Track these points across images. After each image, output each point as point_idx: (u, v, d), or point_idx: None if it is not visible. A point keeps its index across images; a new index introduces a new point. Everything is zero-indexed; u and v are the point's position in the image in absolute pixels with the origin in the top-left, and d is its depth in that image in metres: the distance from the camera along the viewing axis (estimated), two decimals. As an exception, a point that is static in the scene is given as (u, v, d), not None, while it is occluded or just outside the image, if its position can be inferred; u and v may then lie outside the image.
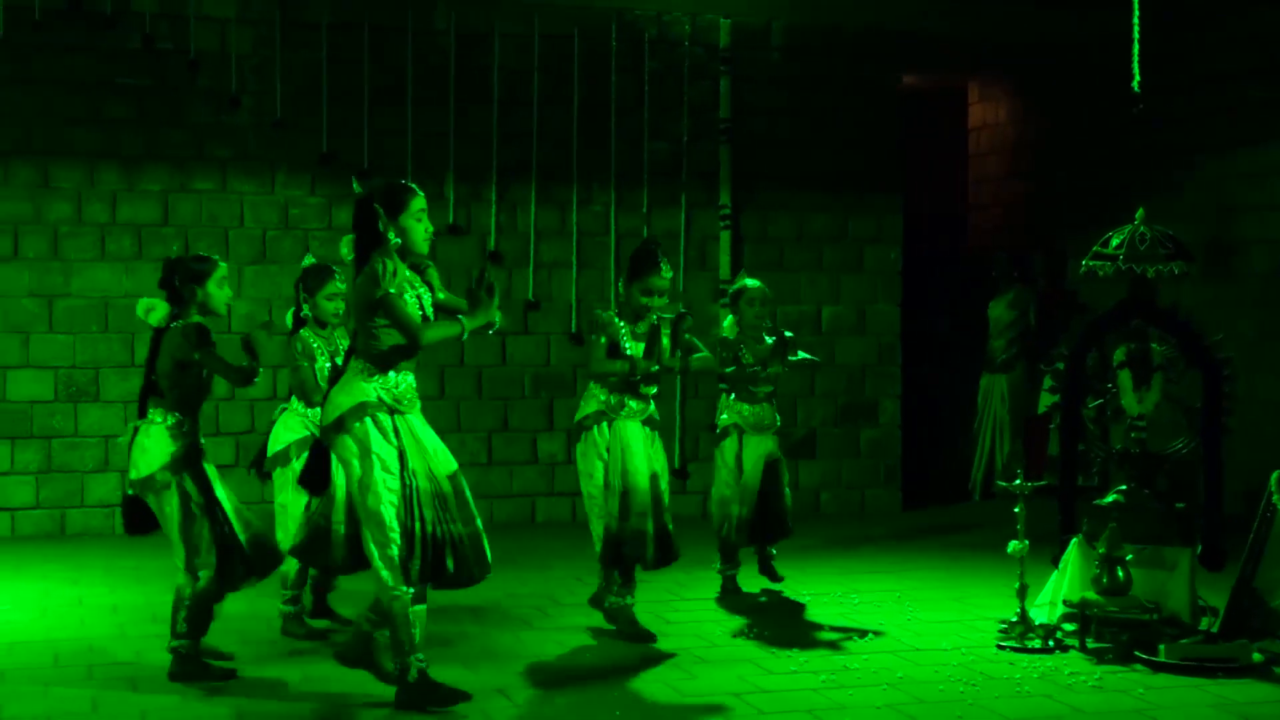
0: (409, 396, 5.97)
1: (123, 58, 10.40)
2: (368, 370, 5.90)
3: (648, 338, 7.23)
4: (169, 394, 6.46)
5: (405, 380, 5.96)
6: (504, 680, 6.43)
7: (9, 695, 6.18)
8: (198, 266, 6.60)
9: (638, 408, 7.28)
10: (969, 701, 6.13)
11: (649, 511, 7.12)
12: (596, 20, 11.18)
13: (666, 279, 7.27)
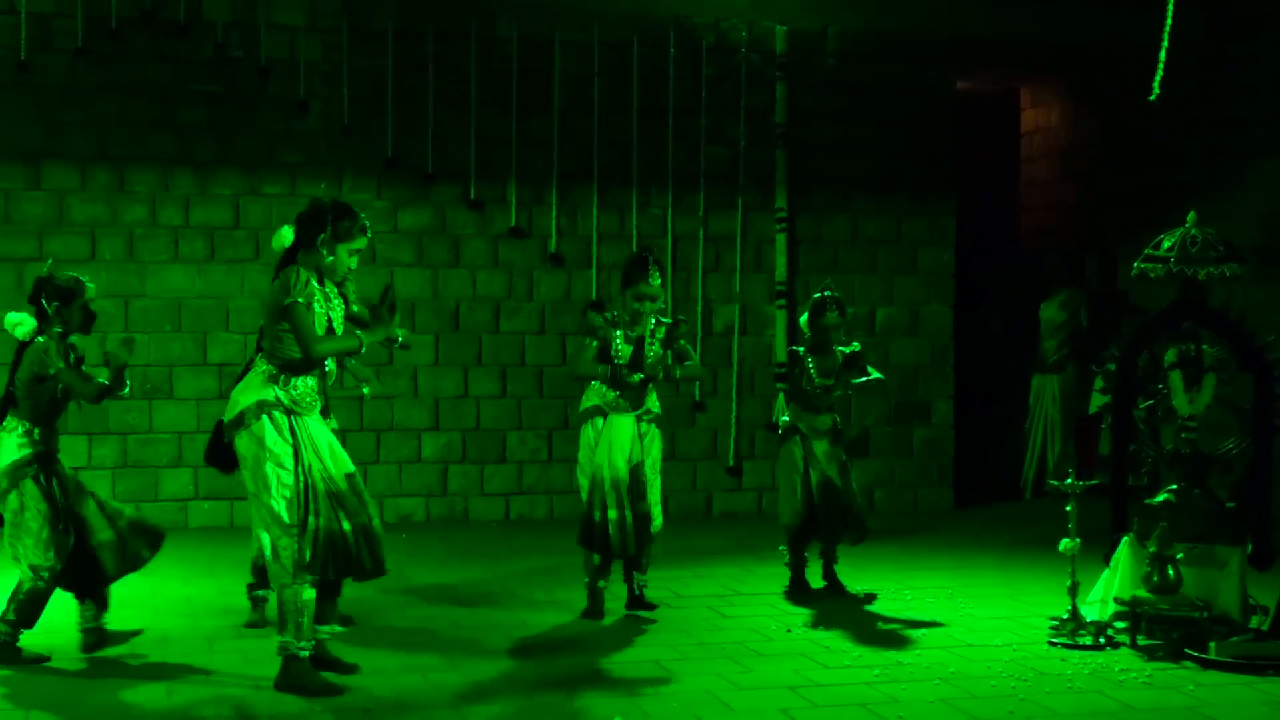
0: (308, 399, 6.14)
1: (196, 66, 10.48)
2: (269, 372, 6.08)
3: (634, 345, 7.49)
4: (22, 404, 6.72)
5: (304, 383, 6.12)
6: (563, 670, 6.46)
7: (89, 686, 6.26)
8: (65, 286, 6.82)
9: (631, 402, 7.53)
10: (1020, 697, 6.10)
11: (624, 503, 7.41)
12: (655, 28, 11.19)
13: (655, 285, 7.46)
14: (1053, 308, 12.29)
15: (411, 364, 10.82)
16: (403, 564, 9.20)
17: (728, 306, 11.39)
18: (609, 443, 7.48)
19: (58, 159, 10.32)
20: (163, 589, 8.33)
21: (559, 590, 8.22)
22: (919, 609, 7.85)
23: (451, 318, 10.93)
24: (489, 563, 9.26)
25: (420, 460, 10.87)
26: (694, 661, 6.66)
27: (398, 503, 10.80)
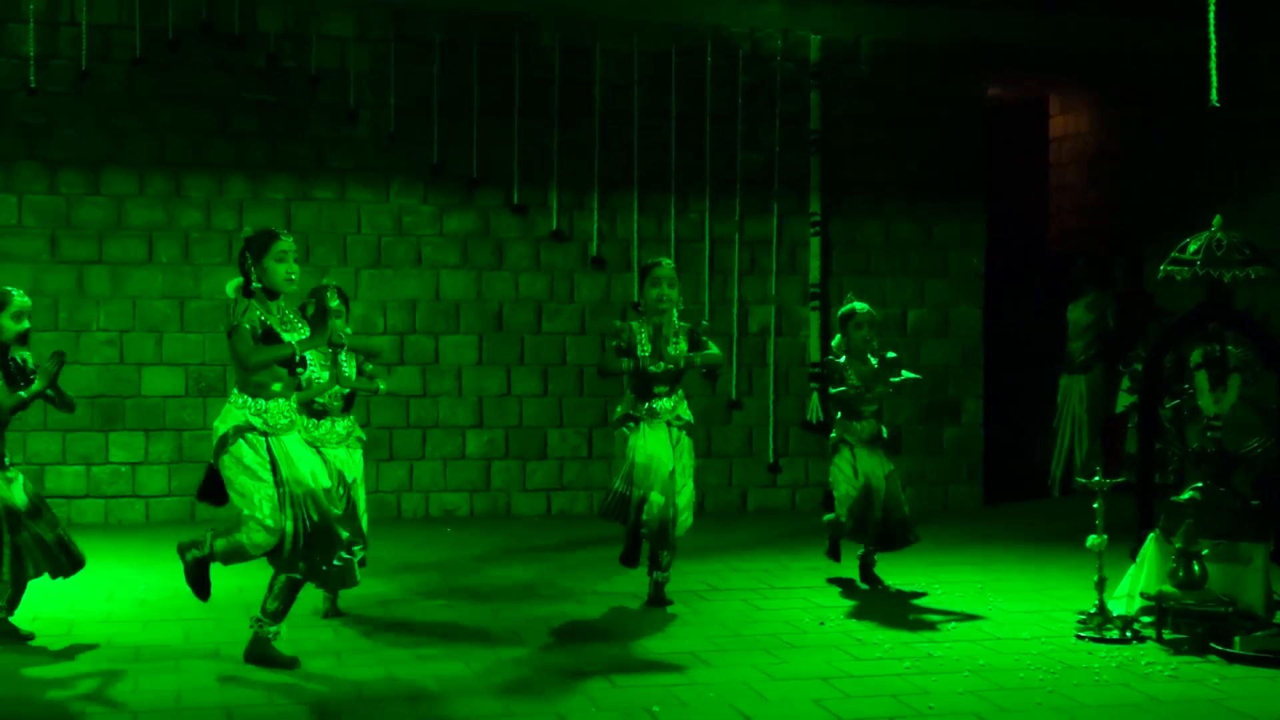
0: (279, 422, 6.37)
1: (250, 75, 10.55)
2: (241, 399, 6.36)
3: (656, 339, 7.59)
4: None
5: (274, 406, 6.36)
6: (602, 659, 6.48)
7: (144, 670, 6.31)
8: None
9: (661, 409, 7.61)
10: (1048, 689, 6.08)
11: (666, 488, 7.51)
12: (693, 37, 11.20)
13: (667, 266, 7.61)
14: (1080, 309, 12.24)
15: (457, 363, 10.86)
16: (447, 557, 9.25)
17: (763, 308, 11.39)
18: (650, 439, 7.56)
19: (117, 165, 10.40)
20: (217, 583, 8.37)
21: (599, 582, 8.25)
22: (949, 603, 7.83)
23: (495, 318, 10.96)
24: (529, 556, 9.29)
25: (464, 457, 10.91)
26: (730, 652, 6.67)
27: (442, 497, 10.85)
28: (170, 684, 6.07)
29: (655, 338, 7.60)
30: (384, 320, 10.77)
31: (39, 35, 10.20)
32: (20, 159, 10.26)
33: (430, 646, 6.77)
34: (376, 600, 7.82)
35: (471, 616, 7.45)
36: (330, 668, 6.37)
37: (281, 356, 6.33)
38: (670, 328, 7.61)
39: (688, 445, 7.72)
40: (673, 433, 7.62)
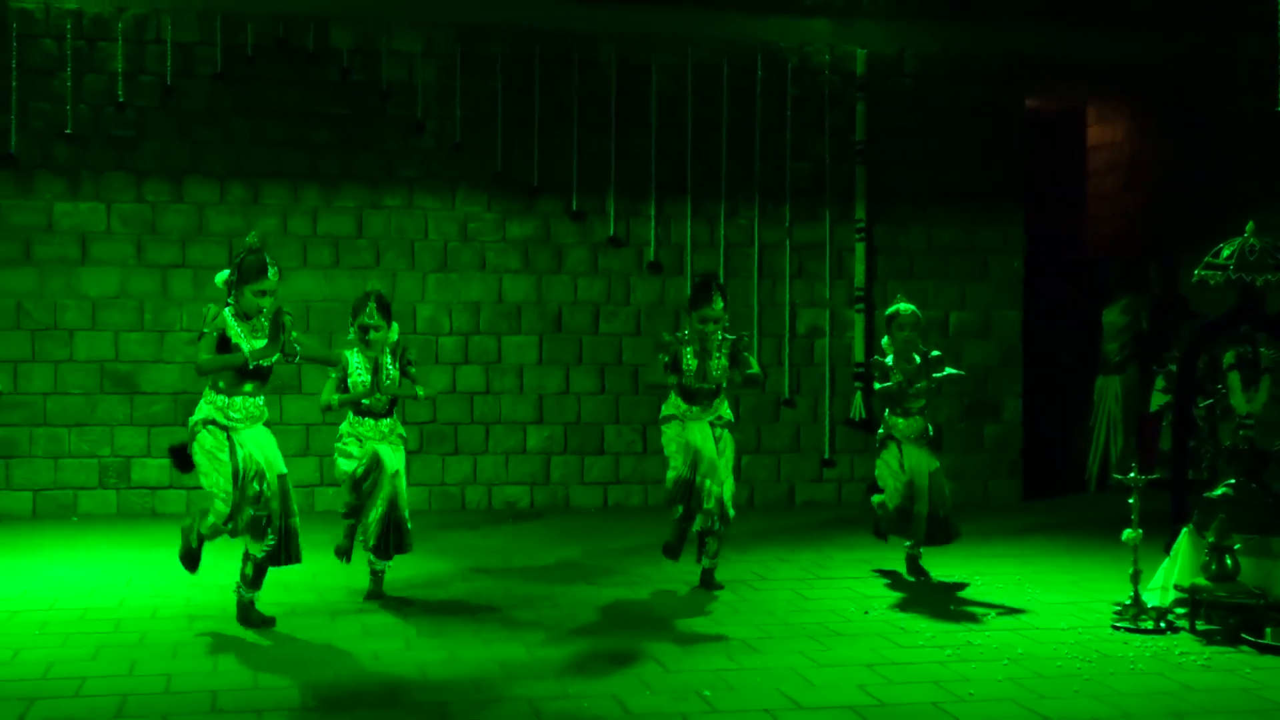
0: (241, 417, 6.77)
1: (323, 90, 10.61)
2: (210, 395, 6.78)
3: (700, 358, 7.73)
4: None
5: (236, 403, 6.76)
6: (655, 643, 6.47)
7: (227, 648, 6.36)
8: None
9: (702, 410, 7.76)
10: (1085, 677, 6.02)
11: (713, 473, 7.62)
12: (744, 52, 11.17)
13: (718, 308, 7.70)
14: (1115, 312, 12.14)
15: (518, 363, 10.88)
16: (507, 546, 9.27)
17: (811, 310, 11.35)
18: (694, 432, 7.69)
19: (199, 175, 10.49)
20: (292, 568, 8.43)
21: (651, 570, 8.24)
22: (989, 594, 7.77)
23: (555, 320, 10.98)
24: (586, 545, 9.29)
25: (525, 451, 10.93)
26: (777, 640, 6.64)
27: (504, 490, 10.87)
28: (249, 664, 6.11)
29: (700, 354, 7.74)
30: (449, 321, 10.81)
31: (126, 53, 10.30)
32: (110, 169, 10.36)
33: (491, 630, 6.79)
34: (441, 585, 7.86)
35: (530, 602, 7.46)
36: (398, 650, 6.40)
37: (233, 365, 6.69)
38: (714, 343, 7.74)
39: (729, 441, 7.82)
40: (715, 430, 7.76)
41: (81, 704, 5.49)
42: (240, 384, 6.75)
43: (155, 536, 9.32)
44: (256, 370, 6.76)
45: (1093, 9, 11.62)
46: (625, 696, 5.65)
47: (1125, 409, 12.01)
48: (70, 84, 10.24)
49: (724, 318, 7.74)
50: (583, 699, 5.61)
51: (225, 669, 6.04)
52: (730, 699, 5.65)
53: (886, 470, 8.20)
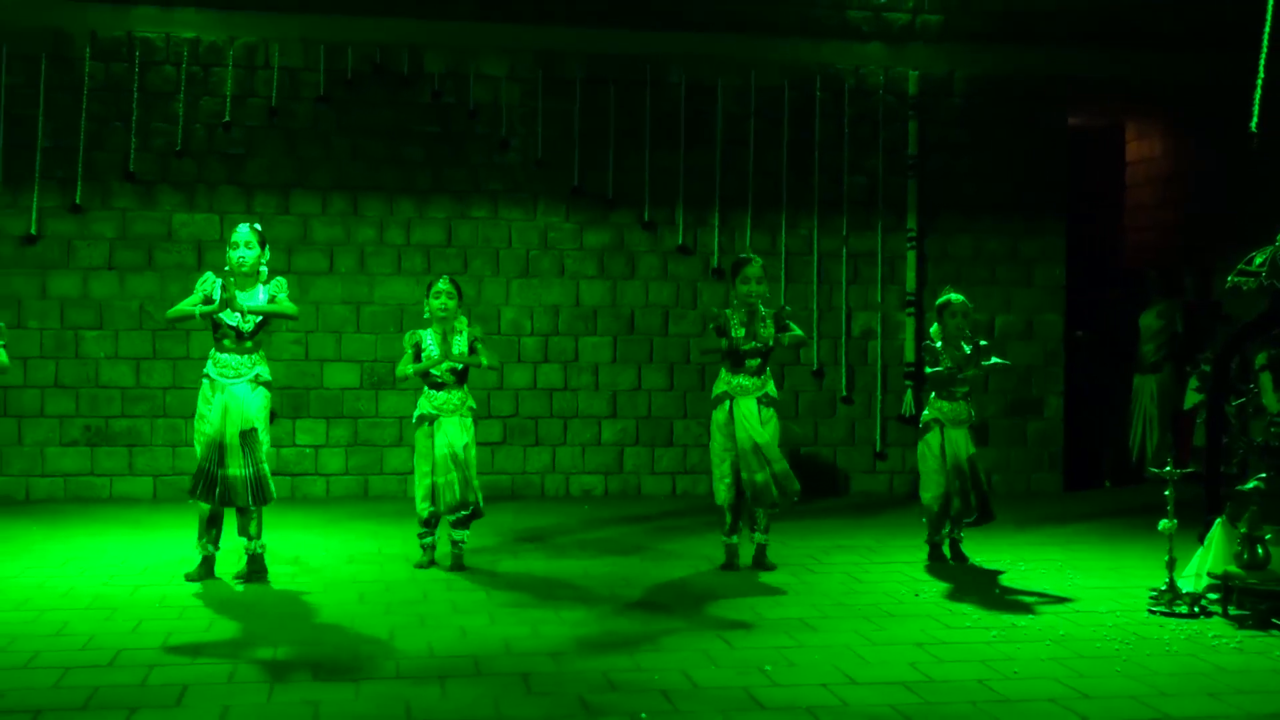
0: (227, 374, 7.23)
1: (416, 110, 10.69)
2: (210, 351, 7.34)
3: (748, 323, 7.76)
4: None
5: (222, 359, 7.26)
6: (720, 620, 6.47)
7: (327, 622, 6.42)
8: None
9: (751, 385, 7.74)
10: (1123, 658, 5.95)
11: (756, 467, 7.61)
12: (804, 74, 11.13)
13: (757, 265, 7.82)
14: (1151, 316, 12.00)
15: (594, 361, 10.91)
16: (584, 530, 9.29)
17: (866, 313, 11.29)
18: (741, 419, 7.69)
19: (303, 189, 10.60)
20: (359, 543, 8.53)
21: (716, 554, 8.21)
22: (1032, 579, 7.69)
23: (628, 322, 10.99)
24: (657, 531, 9.30)
25: (600, 443, 10.95)
26: (833, 619, 6.62)
27: (580, 479, 10.91)
28: (347, 637, 6.16)
29: (747, 322, 7.78)
30: (531, 323, 10.86)
31: (237, 77, 10.43)
32: (222, 184, 10.50)
33: (568, 607, 6.81)
34: (523, 565, 7.89)
35: (604, 581, 7.48)
36: (483, 625, 6.43)
37: (182, 315, 7.39)
38: (759, 313, 7.79)
39: (773, 418, 7.82)
40: (762, 410, 7.74)
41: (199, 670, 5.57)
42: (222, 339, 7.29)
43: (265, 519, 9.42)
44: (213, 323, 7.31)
45: (1131, 32, 11.48)
46: (692, 670, 5.65)
47: (1161, 407, 11.87)
48: (186, 106, 10.39)
49: (762, 277, 7.79)
50: (653, 672, 5.62)
51: (328, 639, 6.11)
52: (790, 674, 5.64)
53: (928, 452, 8.09)
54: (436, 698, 5.26)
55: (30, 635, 6.10)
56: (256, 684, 5.39)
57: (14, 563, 7.80)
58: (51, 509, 9.86)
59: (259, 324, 7.33)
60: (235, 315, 7.26)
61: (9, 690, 5.27)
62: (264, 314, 7.35)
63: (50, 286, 10.31)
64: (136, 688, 5.33)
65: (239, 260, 7.27)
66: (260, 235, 7.40)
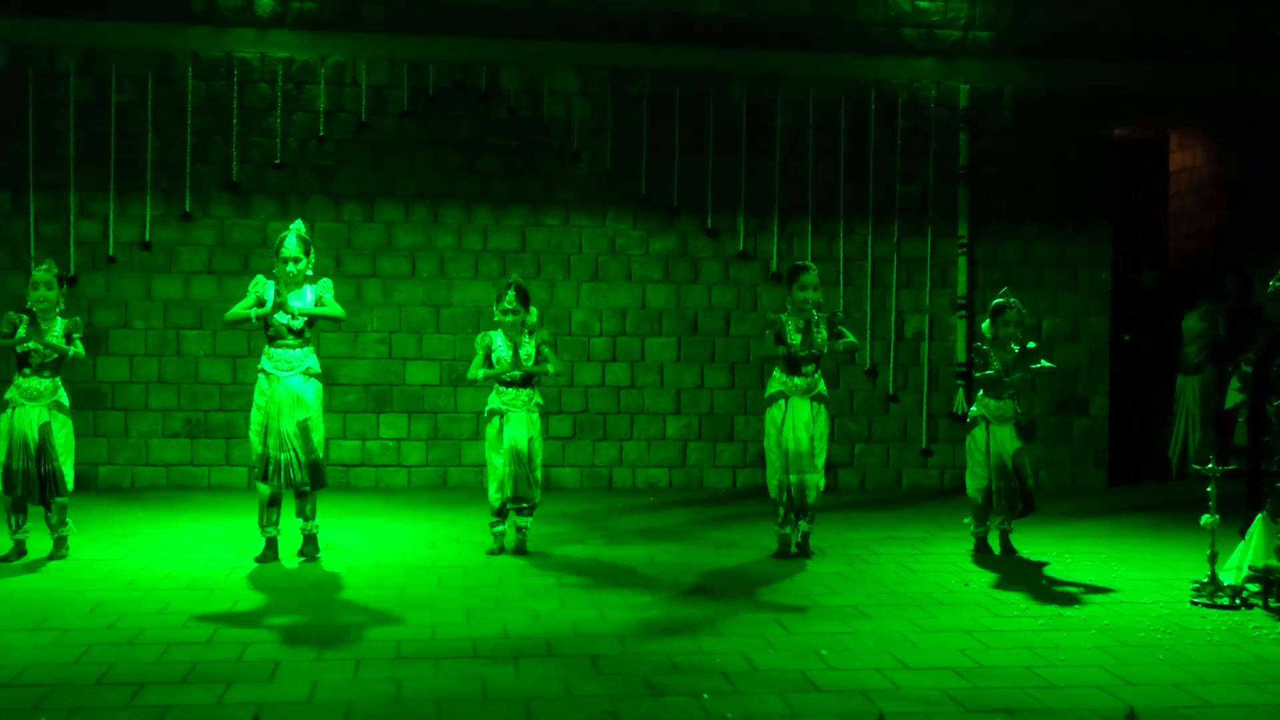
0: (280, 368, 7.35)
1: (493, 124, 10.74)
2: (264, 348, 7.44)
3: (804, 330, 7.73)
4: None
5: (276, 354, 7.37)
6: (777, 606, 6.44)
7: (408, 604, 6.46)
8: None
9: (804, 386, 7.74)
10: (1166, 647, 5.86)
11: (803, 467, 7.66)
12: (859, 88, 11.06)
13: (813, 273, 7.79)
14: (1194, 319, 11.80)
15: (659, 361, 10.91)
16: (649, 519, 9.30)
17: (917, 316, 11.20)
18: (792, 421, 7.70)
19: (388, 198, 10.69)
20: (437, 530, 8.58)
21: (773, 543, 8.17)
22: (1078, 571, 7.59)
23: (691, 324, 10.98)
24: (718, 520, 9.29)
25: (665, 438, 10.95)
26: (887, 607, 6.57)
27: (646, 472, 10.91)
28: (427, 618, 6.21)
29: (803, 328, 7.76)
30: (600, 324, 10.88)
31: (328, 94, 10.54)
32: (313, 193, 10.61)
33: (634, 592, 6.81)
34: (593, 553, 7.90)
35: (668, 568, 7.47)
36: (554, 609, 6.45)
37: (238, 319, 7.45)
38: (814, 319, 7.77)
39: (824, 415, 7.83)
40: (813, 406, 7.74)
41: (289, 647, 5.62)
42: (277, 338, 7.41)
43: (351, 506, 9.53)
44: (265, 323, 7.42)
45: (1174, 46, 11.30)
46: (751, 654, 5.63)
47: (1203, 406, 11.67)
48: (281, 121, 10.51)
49: (818, 285, 7.79)
50: (714, 655, 5.61)
51: (409, 619, 6.15)
52: (845, 659, 5.61)
53: (974, 447, 8.02)
54: (511, 676, 5.28)
55: (135, 613, 6.20)
56: (343, 661, 5.44)
57: (121, 546, 7.94)
58: (155, 496, 10.01)
59: (307, 322, 7.46)
60: (286, 316, 7.39)
61: (117, 663, 5.36)
62: (312, 316, 7.50)
63: (155, 289, 10.47)
64: (233, 663, 5.40)
65: (288, 264, 7.37)
66: (306, 240, 7.48)
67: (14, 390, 7.36)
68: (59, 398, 7.42)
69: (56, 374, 7.43)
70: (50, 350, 7.33)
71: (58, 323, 7.43)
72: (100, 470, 10.37)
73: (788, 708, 4.94)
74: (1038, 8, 11.24)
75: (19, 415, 7.30)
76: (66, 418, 7.45)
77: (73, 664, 5.36)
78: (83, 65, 10.32)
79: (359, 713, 4.78)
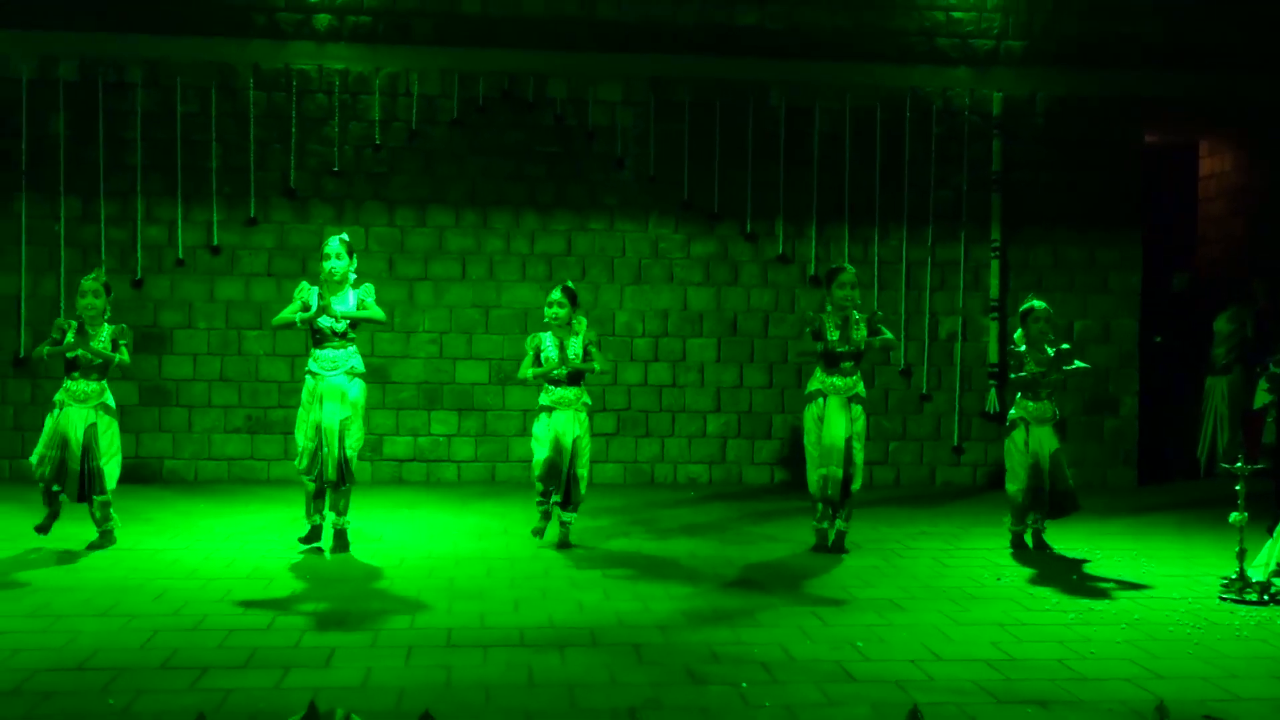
0: (324, 368, 7.43)
1: (540, 132, 10.76)
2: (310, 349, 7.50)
3: (842, 327, 7.72)
4: None
5: (321, 355, 7.44)
6: (815, 598, 6.41)
7: (458, 594, 6.50)
8: None
9: (843, 386, 7.70)
10: (1195, 641, 5.79)
11: (840, 463, 7.60)
12: (894, 96, 10.99)
13: (850, 273, 7.80)
14: (1222, 321, 11.66)
15: (700, 361, 10.89)
16: (689, 515, 9.28)
17: (951, 318, 11.12)
18: (830, 419, 7.67)
19: (439, 204, 10.73)
20: (486, 524, 8.59)
21: (811, 538, 8.15)
22: (1108, 567, 7.52)
23: (730, 325, 10.96)
24: (756, 515, 9.25)
25: (705, 435, 10.93)
26: (921, 600, 6.53)
27: (687, 468, 10.89)
28: (476, 607, 6.23)
29: (842, 326, 7.73)
30: (643, 325, 10.87)
31: (382, 104, 10.60)
32: (368, 199, 10.67)
33: (676, 584, 6.80)
34: (635, 545, 7.90)
35: (709, 562, 7.46)
36: (599, 600, 6.46)
37: (286, 322, 7.52)
38: (853, 318, 7.75)
39: (862, 414, 7.77)
40: (852, 407, 7.70)
41: (344, 635, 5.65)
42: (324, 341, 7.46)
43: (403, 500, 9.58)
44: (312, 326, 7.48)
45: (1202, 55, 11.16)
46: (789, 644, 5.62)
47: (1231, 406, 11.53)
48: (337, 130, 10.58)
49: (855, 283, 7.78)
50: (753, 645, 5.60)
51: (459, 609, 6.18)
52: (880, 650, 5.58)
53: (1014, 448, 7.95)
54: (557, 664, 5.29)
55: (199, 600, 6.26)
56: (396, 649, 5.47)
57: (185, 537, 8.02)
58: (217, 489, 10.11)
59: (350, 324, 7.54)
60: (329, 319, 7.47)
61: (181, 648, 5.41)
62: (355, 319, 7.56)
63: (217, 291, 10.56)
64: (290, 649, 5.44)
65: (330, 269, 7.47)
66: (349, 246, 7.59)
67: (63, 392, 7.50)
68: (105, 400, 7.54)
69: (103, 378, 7.55)
70: (94, 356, 7.43)
71: (105, 329, 7.52)
72: (166, 464, 10.48)
73: (824, 697, 4.92)
74: (1069, 17, 11.14)
75: (65, 415, 7.41)
76: (112, 419, 7.56)
77: (139, 649, 5.42)
78: (149, 77, 10.44)
79: (411, 698, 4.80)
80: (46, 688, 4.89)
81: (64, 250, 10.35)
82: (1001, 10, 11.09)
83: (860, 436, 7.73)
